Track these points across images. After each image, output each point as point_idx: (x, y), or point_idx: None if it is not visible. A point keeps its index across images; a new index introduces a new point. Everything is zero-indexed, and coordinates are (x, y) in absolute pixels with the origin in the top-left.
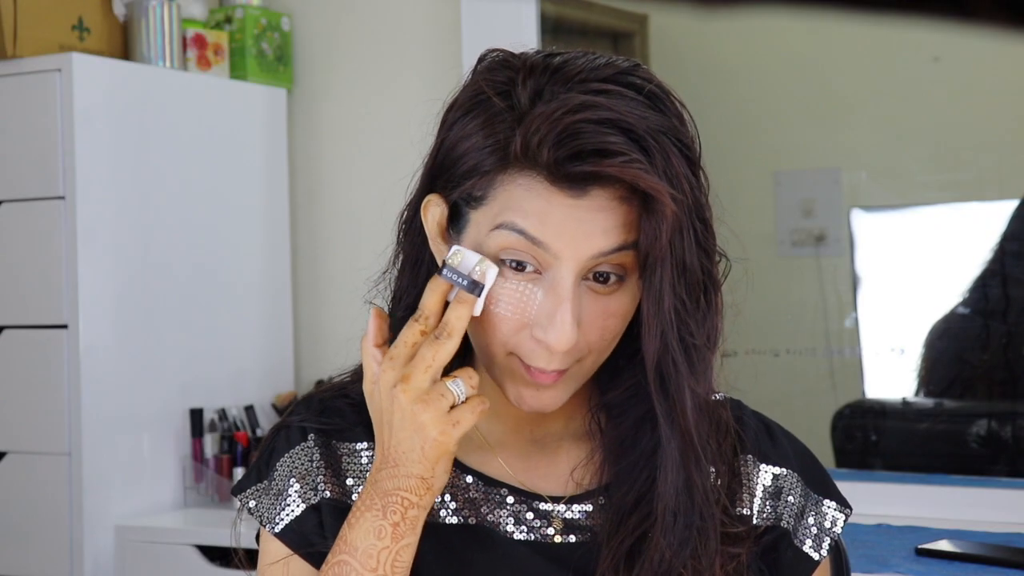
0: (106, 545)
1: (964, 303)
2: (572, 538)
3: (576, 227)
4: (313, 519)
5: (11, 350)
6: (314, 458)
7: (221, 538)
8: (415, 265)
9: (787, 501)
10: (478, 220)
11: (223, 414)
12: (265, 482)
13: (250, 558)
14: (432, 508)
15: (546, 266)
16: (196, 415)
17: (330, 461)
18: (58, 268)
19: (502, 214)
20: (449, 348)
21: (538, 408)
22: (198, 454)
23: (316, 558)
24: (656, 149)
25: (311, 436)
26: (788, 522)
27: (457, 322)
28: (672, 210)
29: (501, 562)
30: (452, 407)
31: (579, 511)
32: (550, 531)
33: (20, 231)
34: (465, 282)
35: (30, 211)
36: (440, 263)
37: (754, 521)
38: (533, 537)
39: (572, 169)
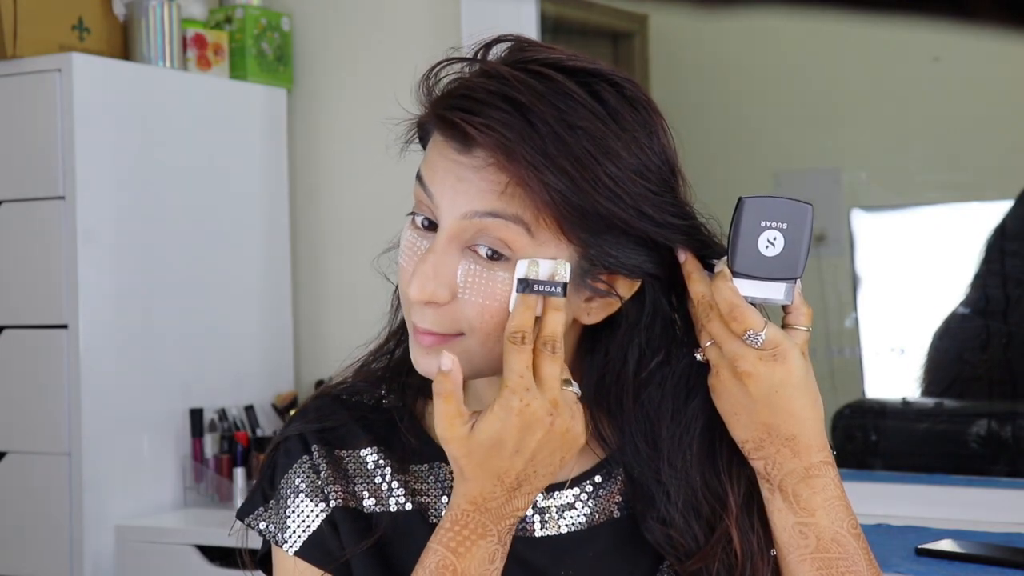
0: (106, 545)
1: (964, 303)
2: (574, 525)
3: (455, 182)
4: (331, 531)
5: (11, 350)
6: (320, 469)
7: (221, 538)
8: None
9: None
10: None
11: (223, 414)
12: (272, 502)
13: (252, 557)
14: (427, 513)
15: (436, 219)
16: (196, 415)
17: (337, 470)
18: (58, 268)
19: (421, 165)
20: (562, 358)
21: (424, 370)
22: (198, 454)
23: (342, 569)
24: (548, 136)
25: (314, 447)
26: None
27: (561, 328)
28: (541, 187)
29: (508, 562)
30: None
31: (580, 495)
32: (553, 520)
33: (20, 231)
34: (557, 288)
35: (30, 211)
36: (517, 280)
37: None
38: (541, 531)
39: (443, 114)
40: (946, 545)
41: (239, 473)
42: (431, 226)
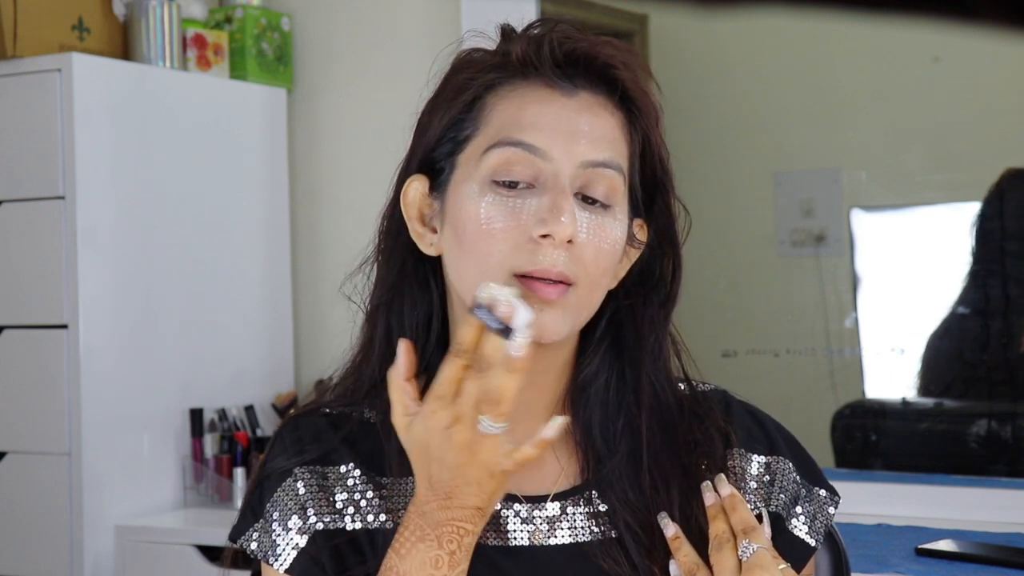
0: (106, 545)
1: (962, 302)
2: (558, 539)
3: (568, 128)
4: (315, 550)
5: (11, 350)
6: (304, 488)
7: (221, 538)
8: (390, 256)
9: (781, 486)
10: (466, 158)
11: (223, 414)
12: (261, 521)
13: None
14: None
15: (539, 175)
16: (196, 415)
17: (319, 488)
18: (58, 268)
19: (495, 136)
20: (493, 380)
21: (538, 332)
22: (198, 454)
23: None
24: (643, 73)
25: (297, 468)
26: (781, 508)
27: (495, 353)
28: (659, 121)
29: (488, 571)
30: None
31: (565, 509)
32: (539, 532)
33: (20, 231)
34: (495, 325)
35: (30, 211)
36: (473, 301)
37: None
38: (521, 541)
39: (573, 48)
40: (946, 545)
41: (239, 473)
42: (514, 186)
